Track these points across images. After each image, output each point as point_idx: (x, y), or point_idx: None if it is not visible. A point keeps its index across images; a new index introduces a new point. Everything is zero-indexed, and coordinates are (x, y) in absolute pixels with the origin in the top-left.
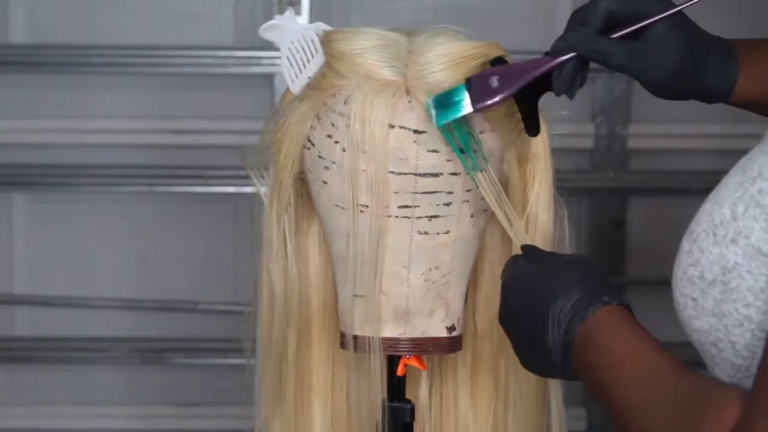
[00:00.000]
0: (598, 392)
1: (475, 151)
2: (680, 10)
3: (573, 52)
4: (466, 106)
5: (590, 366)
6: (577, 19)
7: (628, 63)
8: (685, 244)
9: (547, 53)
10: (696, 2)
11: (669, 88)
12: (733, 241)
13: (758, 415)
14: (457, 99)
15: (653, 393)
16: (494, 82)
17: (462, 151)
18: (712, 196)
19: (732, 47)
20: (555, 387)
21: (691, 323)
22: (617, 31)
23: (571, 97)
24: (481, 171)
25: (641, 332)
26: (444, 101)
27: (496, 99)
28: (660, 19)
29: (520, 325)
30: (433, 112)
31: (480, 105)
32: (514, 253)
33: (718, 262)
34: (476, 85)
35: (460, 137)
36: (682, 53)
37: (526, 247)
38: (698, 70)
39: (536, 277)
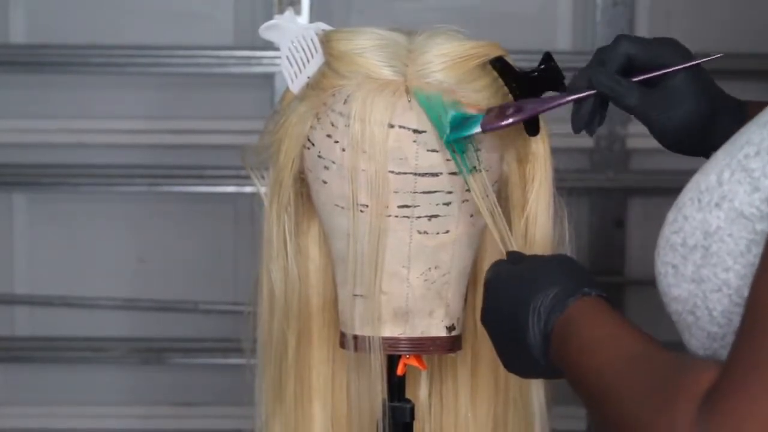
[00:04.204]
0: (576, 380)
1: (475, 151)
2: (699, 64)
3: (589, 88)
4: (476, 128)
5: (569, 354)
6: (597, 58)
7: (640, 107)
8: (671, 214)
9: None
10: (715, 58)
11: (677, 140)
12: (717, 205)
13: (733, 380)
14: (472, 122)
15: (628, 368)
16: (509, 111)
17: (456, 151)
18: (701, 168)
19: (746, 108)
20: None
21: (670, 292)
22: (636, 76)
23: (591, 134)
24: (474, 173)
25: (619, 318)
26: (460, 122)
27: (503, 123)
28: (679, 70)
29: (501, 323)
30: (448, 130)
31: (488, 126)
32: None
33: (700, 227)
34: (492, 112)
35: (455, 138)
36: (693, 108)
37: (510, 254)
38: (708, 127)
39: (517, 275)
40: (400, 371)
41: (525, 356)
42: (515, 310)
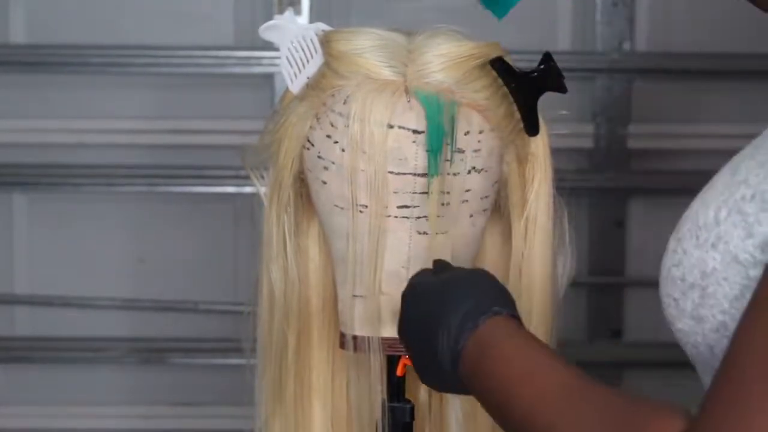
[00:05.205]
0: (496, 407)
1: (446, 159)
2: None
3: None
4: None
5: (484, 377)
6: None
7: None
8: (672, 242)
9: None
10: None
11: None
12: (713, 246)
13: (711, 424)
14: None
15: (571, 407)
16: None
17: (433, 150)
18: (701, 194)
19: None
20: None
21: (674, 323)
22: None
23: None
24: (438, 177)
25: (540, 344)
26: None
27: None
28: None
29: (415, 335)
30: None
31: None
32: (515, 257)
33: (698, 266)
34: None
35: (436, 138)
36: None
37: (436, 262)
38: None
39: (432, 288)
40: (399, 371)
41: (439, 371)
42: (427, 325)
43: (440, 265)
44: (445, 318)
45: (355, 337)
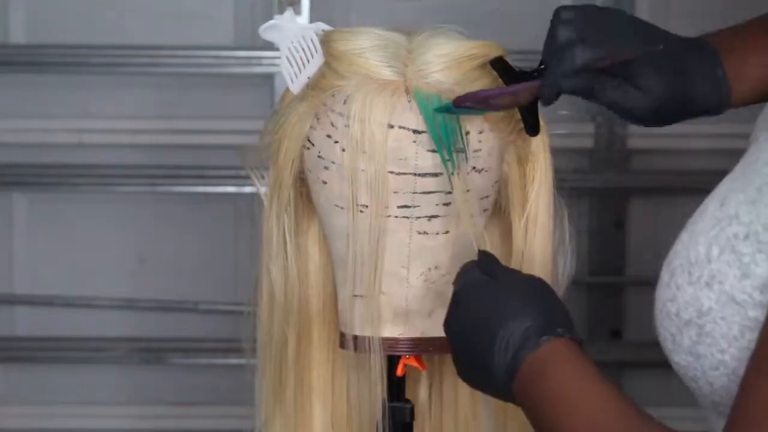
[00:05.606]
0: (543, 428)
1: (458, 152)
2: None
3: (561, 92)
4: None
5: (538, 399)
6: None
7: (616, 98)
8: (665, 275)
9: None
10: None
11: (660, 118)
12: (707, 284)
13: None
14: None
15: None
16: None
17: (445, 148)
18: (690, 225)
19: (714, 54)
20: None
21: (671, 357)
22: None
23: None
24: (458, 173)
25: (595, 373)
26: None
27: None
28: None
29: (465, 339)
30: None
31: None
32: (515, 257)
33: (693, 303)
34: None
35: (445, 135)
36: (666, 85)
37: (482, 254)
38: (686, 93)
39: (490, 293)
40: (399, 372)
41: (484, 377)
42: (482, 333)
43: (488, 262)
44: (503, 330)
45: (355, 337)
